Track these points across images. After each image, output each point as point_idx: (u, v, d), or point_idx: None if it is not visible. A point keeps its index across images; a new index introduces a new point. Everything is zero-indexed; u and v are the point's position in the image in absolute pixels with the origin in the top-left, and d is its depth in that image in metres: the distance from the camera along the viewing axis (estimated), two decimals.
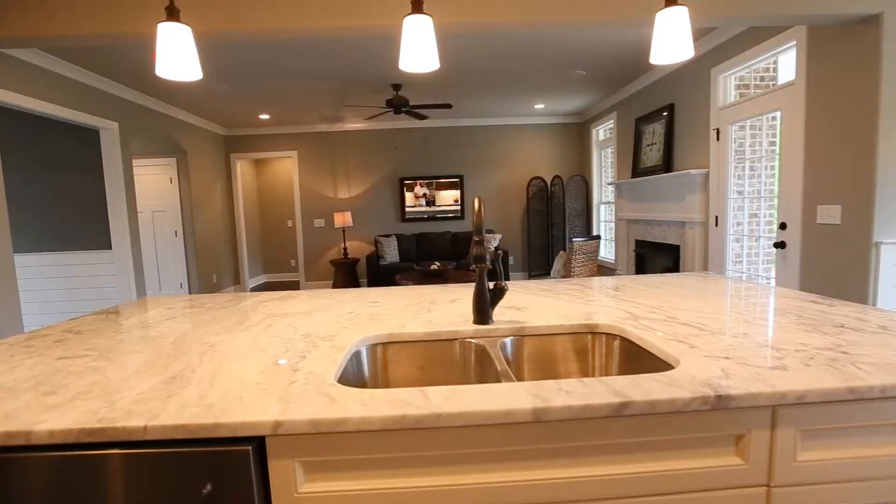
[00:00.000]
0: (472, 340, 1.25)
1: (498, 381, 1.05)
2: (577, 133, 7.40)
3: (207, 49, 3.92)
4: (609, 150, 6.75)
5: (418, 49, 1.36)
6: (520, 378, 1.27)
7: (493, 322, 1.31)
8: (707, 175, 4.15)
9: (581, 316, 1.36)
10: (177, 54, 1.36)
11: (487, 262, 1.15)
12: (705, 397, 0.80)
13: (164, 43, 1.34)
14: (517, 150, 7.37)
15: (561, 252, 3.79)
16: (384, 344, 1.26)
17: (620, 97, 5.90)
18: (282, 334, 1.28)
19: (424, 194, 7.32)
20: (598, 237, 3.97)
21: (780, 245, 3.28)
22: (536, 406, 0.78)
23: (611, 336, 1.26)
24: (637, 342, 1.16)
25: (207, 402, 0.84)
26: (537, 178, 7.24)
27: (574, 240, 3.75)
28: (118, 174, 4.63)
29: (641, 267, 5.30)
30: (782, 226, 3.27)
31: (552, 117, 7.27)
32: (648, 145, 5.11)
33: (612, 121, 6.27)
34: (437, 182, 7.33)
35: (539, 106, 6.54)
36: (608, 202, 6.81)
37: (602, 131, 6.91)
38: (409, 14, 1.39)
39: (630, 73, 5.14)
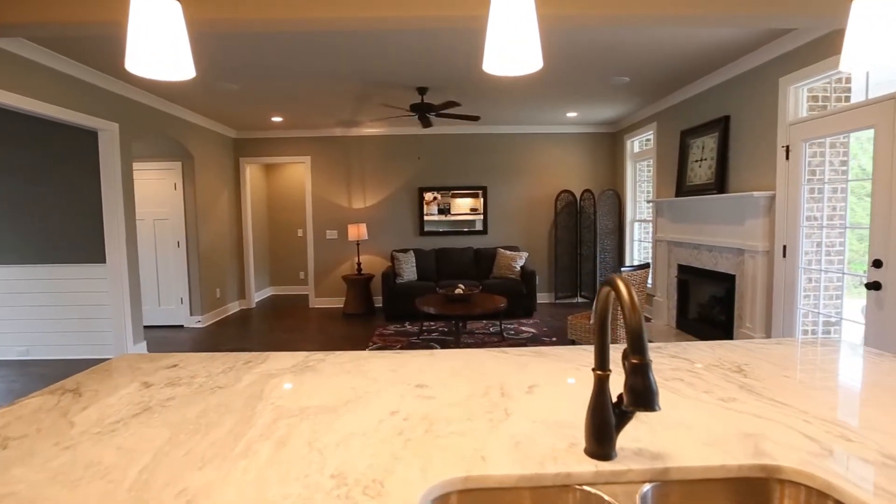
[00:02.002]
0: (601, 494, 0.80)
1: None
2: (608, 144, 6.92)
3: (216, 42, 3.51)
4: (645, 163, 6.28)
5: (514, 42, 0.92)
6: None
7: (616, 455, 0.87)
8: (773, 198, 3.67)
9: (741, 443, 0.91)
10: (159, 41, 0.93)
11: (658, 406, 0.70)
12: None
13: (139, 23, 0.91)
14: (544, 161, 6.90)
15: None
16: (460, 493, 0.82)
17: (662, 106, 5.43)
18: (300, 471, 0.84)
19: (435, 198, 6.87)
20: (648, 265, 3.50)
21: (873, 286, 2.80)
22: None
23: (813, 492, 0.81)
24: None
25: None
26: (566, 192, 6.76)
27: (622, 269, 3.29)
28: (116, 180, 4.23)
29: (685, 295, 4.81)
30: (876, 263, 2.80)
31: (582, 126, 6.80)
32: (697, 161, 4.64)
33: (650, 132, 5.80)
34: (453, 191, 6.89)
35: (571, 114, 6.08)
36: (643, 220, 6.33)
37: (637, 143, 6.43)
38: None
39: (678, 81, 4.68)
